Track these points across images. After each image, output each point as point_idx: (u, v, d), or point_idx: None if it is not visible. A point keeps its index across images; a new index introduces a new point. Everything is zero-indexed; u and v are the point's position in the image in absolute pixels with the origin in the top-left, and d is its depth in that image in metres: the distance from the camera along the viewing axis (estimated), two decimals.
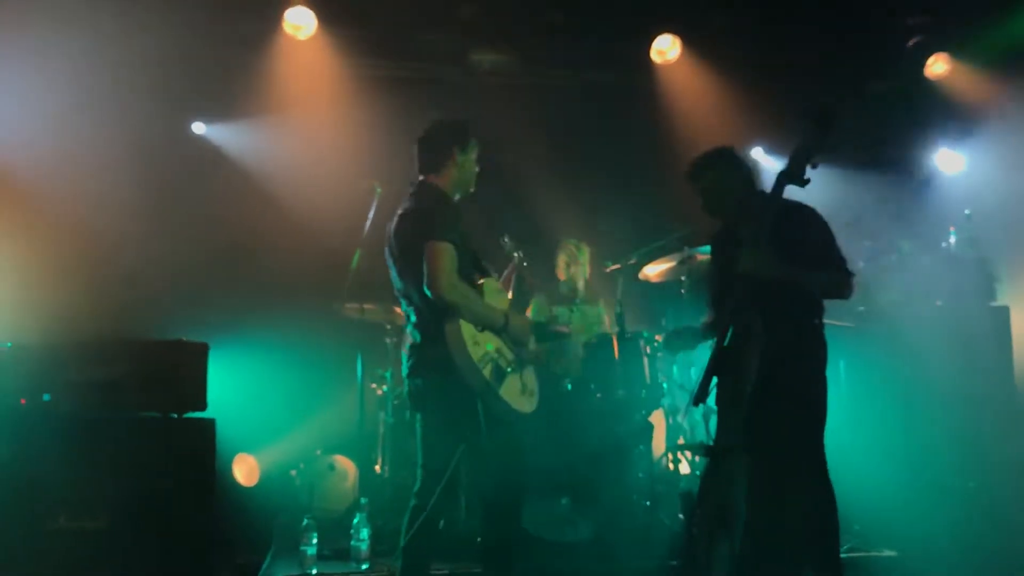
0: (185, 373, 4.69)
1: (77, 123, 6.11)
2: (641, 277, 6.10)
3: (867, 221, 6.36)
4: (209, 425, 4.72)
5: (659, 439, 5.67)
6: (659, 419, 5.69)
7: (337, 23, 6.67)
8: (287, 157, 6.83)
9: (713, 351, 3.84)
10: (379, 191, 5.35)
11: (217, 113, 6.92)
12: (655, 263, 6.01)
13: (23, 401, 4.46)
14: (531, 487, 5.01)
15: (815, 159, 3.74)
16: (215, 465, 4.75)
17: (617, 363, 5.39)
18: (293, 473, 5.83)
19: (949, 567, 4.74)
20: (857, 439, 5.62)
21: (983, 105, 7.16)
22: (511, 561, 3.82)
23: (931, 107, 7.35)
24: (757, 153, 7.58)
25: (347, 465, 5.89)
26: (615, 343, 5.42)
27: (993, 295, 5.94)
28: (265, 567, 5.00)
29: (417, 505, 3.79)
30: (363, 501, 5.12)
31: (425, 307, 3.76)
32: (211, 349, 4.86)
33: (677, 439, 5.69)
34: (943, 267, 6.00)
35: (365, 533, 4.93)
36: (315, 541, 4.85)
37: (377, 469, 5.87)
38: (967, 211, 6.33)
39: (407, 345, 3.90)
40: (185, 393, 4.68)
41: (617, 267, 6.12)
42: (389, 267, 3.97)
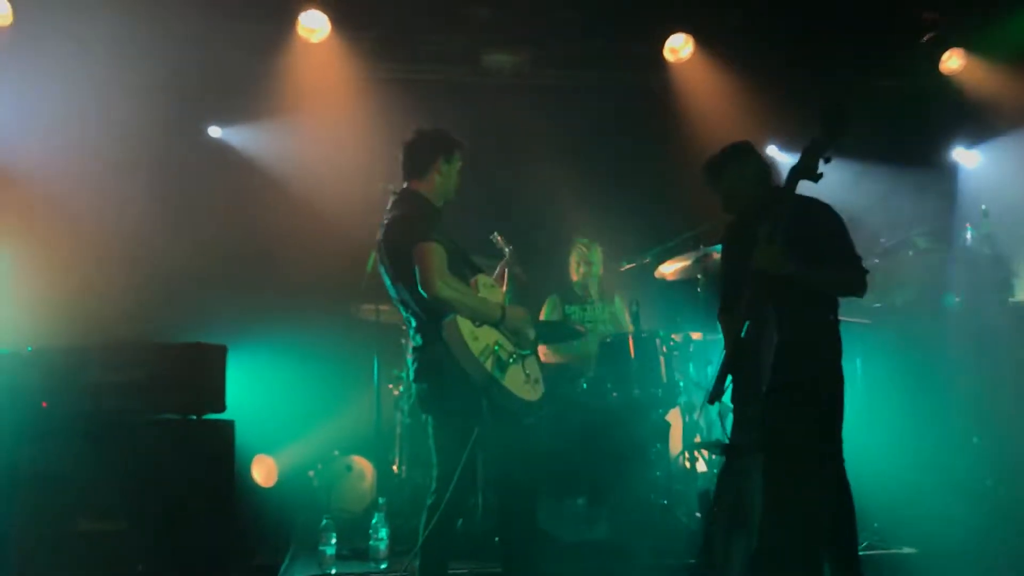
0: (204, 375, 4.73)
1: (96, 128, 6.17)
2: (657, 276, 6.09)
3: (874, 218, 6.35)
4: (228, 426, 4.76)
5: (676, 438, 5.66)
6: (676, 417, 5.68)
7: (350, 26, 6.70)
8: (302, 160, 6.85)
9: (728, 349, 3.83)
10: (392, 191, 5.36)
11: (233, 117, 6.96)
12: (670, 262, 6.00)
13: (44, 404, 4.51)
14: (548, 486, 5.04)
15: (828, 155, 3.74)
16: (234, 466, 4.79)
17: (633, 362, 5.39)
18: (311, 474, 5.85)
19: (968, 564, 4.72)
20: (875, 436, 5.59)
21: (999, 100, 7.11)
22: (529, 559, 3.84)
23: (946, 103, 7.30)
24: (771, 151, 7.56)
25: (365, 465, 5.91)
26: (631, 342, 5.42)
27: (1011, 291, 5.90)
28: (284, 567, 5.03)
29: (433, 504, 3.82)
30: (381, 501, 5.14)
31: (422, 310, 3.81)
32: (229, 351, 4.90)
33: (694, 437, 5.68)
34: (960, 264, 5.97)
35: (383, 533, 4.95)
36: (334, 541, 4.87)
37: (395, 469, 5.89)
38: (984, 207, 6.29)
39: (410, 350, 3.96)
40: (204, 395, 4.72)
41: (632, 266, 6.12)
42: (383, 277, 4.01)
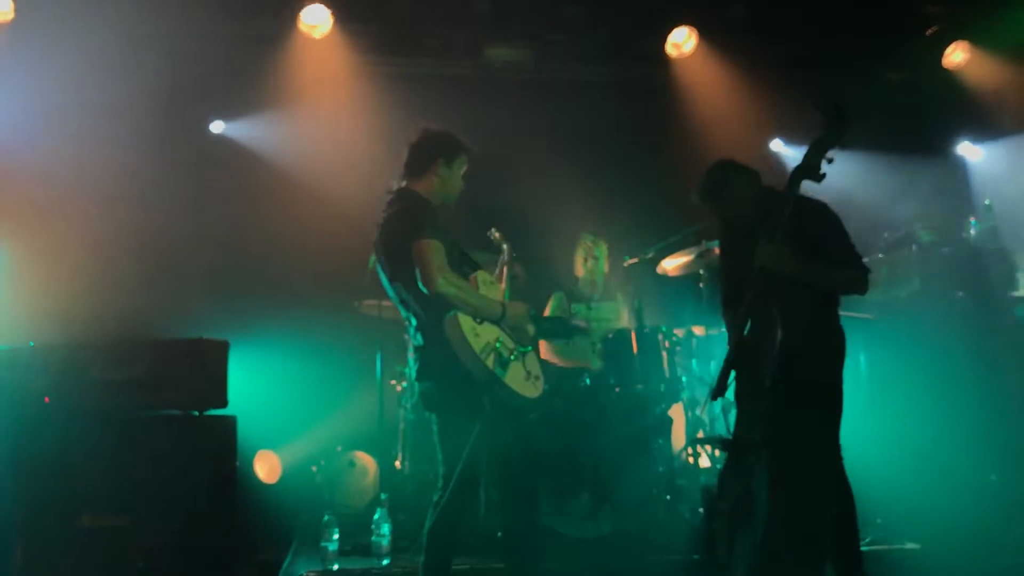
0: (206, 371, 4.72)
1: (97, 124, 6.16)
2: (659, 271, 6.08)
3: (877, 213, 6.33)
4: (230, 422, 4.75)
5: (679, 433, 5.66)
6: (678, 413, 5.68)
7: (352, 21, 6.69)
8: (304, 155, 6.85)
9: (731, 345, 3.83)
10: (389, 192, 5.35)
11: (235, 112, 6.95)
12: (673, 257, 5.99)
13: (47, 400, 4.51)
14: (551, 482, 5.04)
15: (830, 154, 3.73)
16: (236, 462, 4.78)
17: (636, 358, 5.38)
18: (314, 469, 5.86)
19: (971, 560, 4.71)
20: (878, 432, 5.59)
21: (1003, 94, 7.09)
22: (532, 555, 3.84)
23: (950, 97, 7.28)
24: (776, 145, 7.55)
25: (367, 461, 5.92)
26: (633, 338, 5.41)
27: (1015, 285, 5.89)
28: (287, 563, 5.03)
29: (438, 501, 3.82)
30: (383, 497, 5.14)
31: (422, 309, 3.81)
32: (231, 347, 4.90)
33: (697, 433, 5.68)
34: (964, 258, 5.94)
35: (386, 528, 4.95)
36: (336, 537, 4.87)
37: (397, 465, 5.89)
38: (987, 201, 6.27)
39: (411, 349, 3.95)
40: (206, 391, 4.71)
41: (635, 261, 6.11)
42: (380, 277, 4.00)
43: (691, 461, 5.65)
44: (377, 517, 4.98)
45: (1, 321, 5.73)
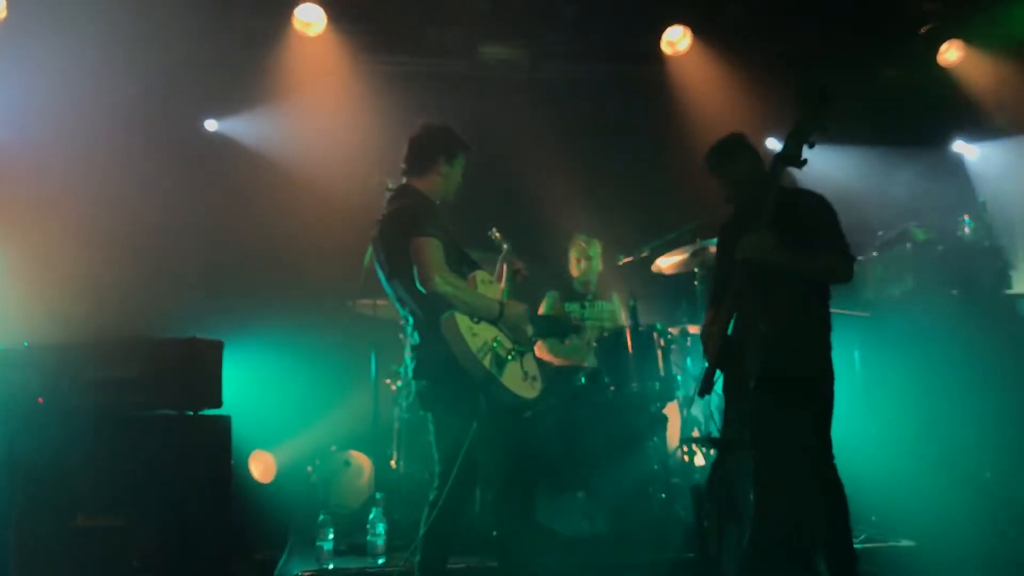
0: (200, 370, 4.71)
1: (90, 122, 6.15)
2: (654, 270, 6.08)
3: (872, 210, 6.34)
4: (225, 422, 4.74)
5: (674, 431, 5.66)
6: (674, 411, 5.68)
7: (346, 19, 6.67)
8: (298, 154, 6.84)
9: (717, 343, 3.84)
10: (391, 187, 5.35)
11: (229, 111, 6.94)
12: (667, 256, 5.99)
13: (41, 400, 4.50)
14: (546, 481, 5.03)
15: (812, 140, 3.73)
16: (231, 462, 4.78)
17: (631, 356, 5.38)
18: (309, 469, 5.85)
19: (966, 557, 4.72)
20: (873, 429, 5.60)
21: (997, 92, 7.10)
22: (527, 554, 3.84)
23: (944, 95, 7.28)
24: (770, 143, 7.54)
25: (362, 461, 5.90)
26: (628, 336, 5.41)
27: (1008, 283, 5.90)
28: (282, 563, 5.02)
29: (434, 500, 3.82)
30: (379, 496, 5.13)
31: (419, 307, 3.80)
32: (226, 346, 4.89)
33: (691, 431, 5.68)
34: (958, 256, 5.95)
35: (381, 528, 4.94)
36: (331, 536, 4.87)
37: (392, 464, 5.88)
38: (982, 199, 6.28)
39: (408, 347, 3.95)
40: (200, 390, 4.70)
41: (629, 260, 6.11)
42: (379, 274, 3.99)
43: (686, 459, 5.65)
44: (372, 516, 4.97)
45: None
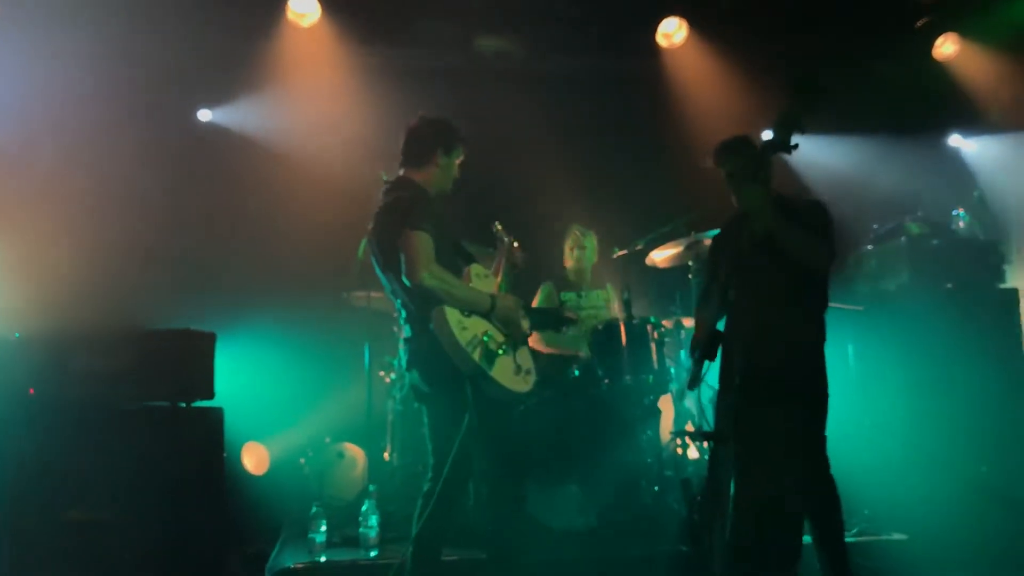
0: (193, 362, 4.71)
1: (83, 112, 6.12)
2: (648, 263, 6.08)
3: (867, 202, 6.34)
4: (217, 414, 4.74)
5: (667, 424, 5.66)
6: (667, 404, 5.68)
7: (341, 10, 6.65)
8: (292, 145, 6.81)
9: (703, 335, 3.85)
10: (385, 179, 5.34)
11: (223, 101, 6.91)
12: (662, 248, 5.98)
13: (32, 391, 4.49)
14: (539, 474, 5.03)
15: (802, 126, 3.73)
16: (223, 454, 4.77)
17: (624, 349, 5.38)
18: (302, 461, 5.84)
19: (958, 550, 4.73)
20: (866, 423, 5.61)
21: (993, 86, 7.10)
22: (521, 547, 3.83)
23: (940, 88, 7.28)
24: (766, 136, 7.53)
25: (356, 453, 5.90)
26: (622, 329, 5.41)
27: (1002, 277, 5.90)
28: (274, 555, 5.02)
29: (428, 492, 3.81)
30: (372, 488, 5.12)
31: (410, 300, 3.79)
32: (218, 338, 4.88)
33: (684, 424, 5.68)
34: (952, 250, 5.95)
35: (374, 520, 4.94)
36: (324, 528, 4.86)
37: (386, 456, 5.88)
38: (976, 193, 6.28)
39: (401, 340, 3.94)
40: (193, 382, 4.70)
41: (624, 253, 6.10)
42: (374, 266, 3.98)
43: (679, 452, 5.65)
44: (365, 509, 4.96)
45: None
